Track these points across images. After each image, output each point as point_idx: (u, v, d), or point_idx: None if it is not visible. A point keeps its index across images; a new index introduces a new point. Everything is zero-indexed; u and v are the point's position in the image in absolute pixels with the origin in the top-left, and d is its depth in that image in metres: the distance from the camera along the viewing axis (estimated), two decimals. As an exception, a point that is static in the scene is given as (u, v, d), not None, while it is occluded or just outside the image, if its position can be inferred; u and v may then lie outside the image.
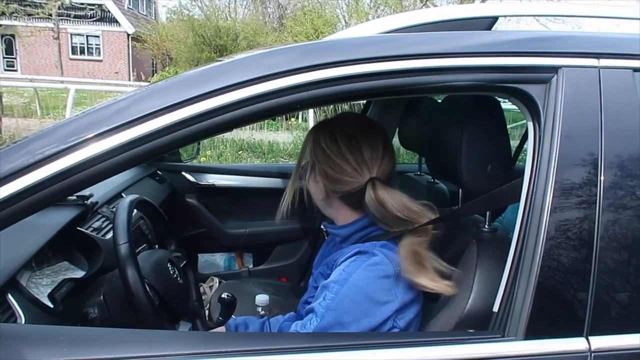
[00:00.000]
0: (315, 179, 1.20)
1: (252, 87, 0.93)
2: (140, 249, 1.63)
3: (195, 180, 2.64)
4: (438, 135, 1.35)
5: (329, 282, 1.09)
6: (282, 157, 8.23)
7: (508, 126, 1.27)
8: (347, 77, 0.96)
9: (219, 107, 0.92)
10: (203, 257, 2.75)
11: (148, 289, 1.22)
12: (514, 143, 2.58)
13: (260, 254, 2.79)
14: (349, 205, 1.20)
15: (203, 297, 2.41)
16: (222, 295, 1.61)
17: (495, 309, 0.99)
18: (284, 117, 10.13)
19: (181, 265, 1.51)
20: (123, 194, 1.95)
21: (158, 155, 0.97)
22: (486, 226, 1.26)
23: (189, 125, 0.92)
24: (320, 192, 1.20)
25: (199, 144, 2.92)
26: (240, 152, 8.06)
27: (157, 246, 1.77)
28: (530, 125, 1.02)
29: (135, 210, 1.70)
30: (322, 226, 1.33)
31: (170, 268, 1.37)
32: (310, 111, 9.45)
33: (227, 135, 8.65)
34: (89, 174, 0.89)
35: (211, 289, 2.47)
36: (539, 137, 0.99)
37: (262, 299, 1.76)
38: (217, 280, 2.52)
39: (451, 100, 1.37)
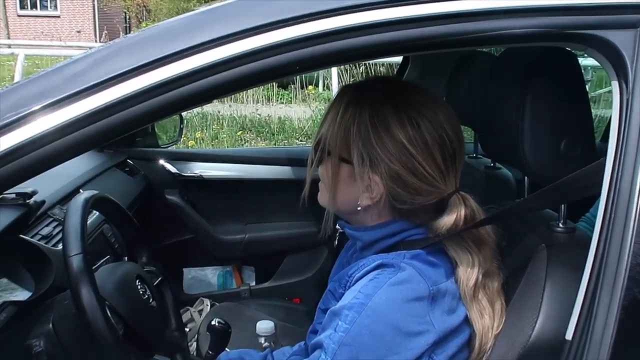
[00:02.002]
0: (363, 178, 1.13)
1: (246, 40, 0.94)
2: (102, 262, 1.65)
3: (177, 171, 2.68)
4: (493, 104, 1.34)
5: (340, 307, 1.08)
6: (298, 139, 8.27)
7: (599, 91, 1.26)
8: (368, 26, 0.95)
9: (202, 68, 0.93)
10: (189, 273, 2.79)
11: (109, 315, 1.23)
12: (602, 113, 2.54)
13: (265, 267, 2.82)
14: (384, 209, 1.18)
15: (190, 325, 2.46)
16: (213, 322, 1.63)
17: (569, 336, 0.98)
18: (298, 85, 10.16)
19: (155, 283, 1.53)
20: (81, 190, 1.99)
21: (126, 134, 0.98)
22: (560, 225, 1.25)
23: (165, 90, 0.93)
24: (367, 198, 1.14)
25: (182, 122, 2.94)
26: (241, 132, 8.12)
27: (125, 258, 1.80)
28: (614, 85, 1.01)
29: (94, 212, 1.73)
30: (337, 226, 1.33)
31: (139, 286, 1.38)
32: (334, 75, 9.47)
33: (224, 110, 8.72)
34: (32, 158, 0.91)
35: (200, 314, 2.51)
36: (626, 102, 0.97)
37: (265, 326, 1.78)
38: (209, 303, 2.56)
39: (509, 55, 1.36)
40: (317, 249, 2.75)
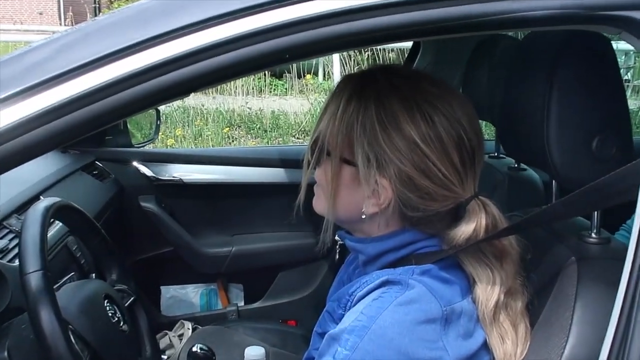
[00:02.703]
0: (369, 182, 1.12)
1: (232, 23, 0.94)
2: (65, 279, 1.66)
3: (153, 174, 2.68)
4: (514, 96, 1.34)
5: (339, 331, 1.08)
6: (294, 136, 8.27)
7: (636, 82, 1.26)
8: (377, 6, 0.96)
9: (181, 55, 0.94)
10: (168, 291, 2.79)
11: (73, 340, 1.24)
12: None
13: (256, 285, 2.82)
14: (393, 216, 1.17)
15: (168, 352, 2.46)
16: (194, 349, 1.64)
17: (602, 362, 0.98)
18: (295, 73, 10.16)
19: (127, 303, 1.53)
20: (41, 197, 1.99)
21: (94, 132, 0.98)
22: (593, 235, 1.25)
23: (139, 81, 0.93)
24: (373, 205, 1.14)
25: (158, 117, 2.95)
26: (228, 129, 8.12)
27: (93, 275, 1.80)
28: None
29: (56, 222, 1.74)
30: (336, 237, 1.32)
31: (108, 308, 1.39)
32: (336, 62, 9.48)
33: (209, 104, 8.72)
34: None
35: (181, 339, 2.51)
36: None
37: (254, 353, 1.77)
38: (190, 326, 2.56)
39: (533, 40, 1.36)
40: (314, 264, 2.75)
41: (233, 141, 8.02)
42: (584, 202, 1.10)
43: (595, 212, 1.25)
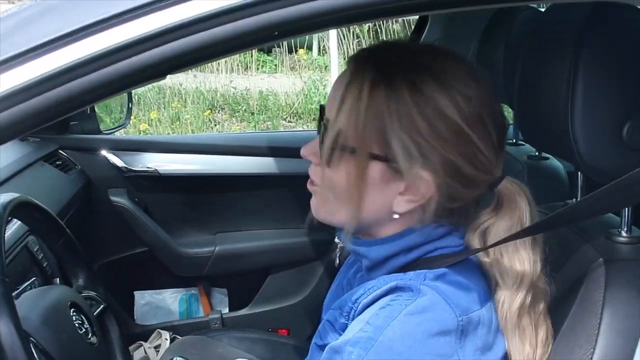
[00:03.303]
0: (406, 176, 1.11)
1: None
2: (25, 285, 1.65)
3: (125, 165, 2.67)
4: (534, 76, 1.34)
5: (342, 342, 1.08)
6: (285, 119, 8.25)
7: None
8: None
9: (158, 32, 0.93)
10: (143, 297, 2.80)
11: (35, 354, 1.23)
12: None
13: (242, 290, 2.83)
14: (428, 211, 1.16)
15: (143, 366, 2.46)
16: (172, 362, 1.64)
17: (631, 378, 0.99)
18: (285, 48, 10.14)
19: (96, 312, 1.53)
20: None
21: (57, 119, 0.98)
22: (624, 233, 1.25)
23: (109, 62, 0.93)
24: (407, 202, 1.13)
25: (130, 100, 2.94)
26: (209, 112, 8.10)
27: (58, 280, 1.80)
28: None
29: (14, 220, 1.73)
30: (336, 239, 1.31)
31: (74, 317, 1.39)
32: (333, 35, 9.44)
33: (188, 83, 8.70)
34: None
35: (157, 351, 2.51)
36: None
37: (240, 366, 1.79)
38: (168, 336, 2.57)
39: (556, 12, 1.36)
40: (308, 266, 2.76)
41: (215, 125, 8.00)
42: (617, 197, 1.08)
43: (627, 209, 1.25)
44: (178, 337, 2.53)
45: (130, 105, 2.95)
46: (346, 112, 1.10)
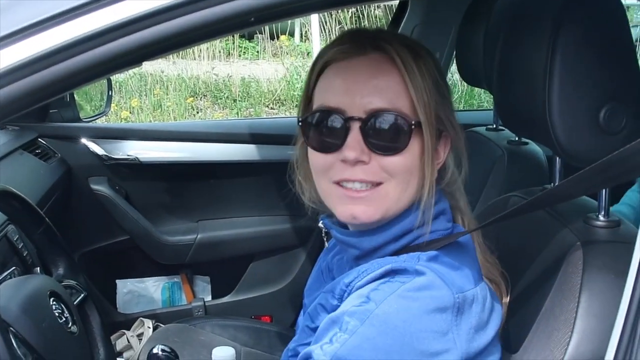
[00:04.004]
0: (428, 148, 1.18)
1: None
2: (5, 275, 1.64)
3: (105, 153, 2.67)
4: (512, 60, 1.34)
5: (340, 313, 1.10)
6: (267, 106, 8.23)
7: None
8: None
9: (137, 17, 0.93)
10: (125, 286, 2.79)
11: (14, 344, 1.23)
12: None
13: (224, 277, 2.83)
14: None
15: (126, 355, 2.47)
16: (155, 350, 1.64)
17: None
18: (267, 35, 10.10)
19: (76, 301, 1.53)
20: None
21: (33, 106, 0.98)
22: (601, 217, 1.26)
23: (86, 48, 0.93)
24: (438, 165, 1.22)
25: (110, 88, 2.92)
26: (192, 99, 8.07)
27: (38, 269, 1.79)
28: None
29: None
30: (319, 223, 1.32)
31: (54, 306, 1.38)
32: (315, 21, 9.42)
33: (170, 70, 8.66)
34: None
35: (140, 340, 2.51)
36: None
37: (223, 354, 1.78)
38: (151, 324, 2.58)
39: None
40: (290, 253, 2.77)
41: (198, 113, 7.98)
42: (593, 180, 1.11)
43: (603, 192, 1.26)
44: (161, 325, 2.54)
45: (110, 93, 2.94)
46: (405, 92, 1.16)
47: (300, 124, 1.22)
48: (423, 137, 1.16)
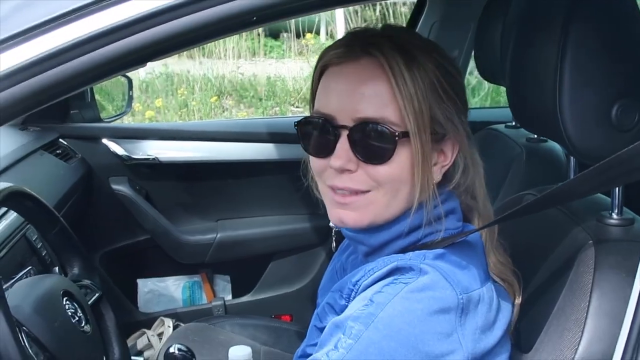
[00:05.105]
0: (438, 150, 1.20)
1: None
2: (21, 274, 1.66)
3: (126, 153, 2.69)
4: (524, 57, 1.34)
5: (344, 318, 1.10)
6: (293, 104, 8.23)
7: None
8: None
9: (152, 13, 0.94)
10: (146, 285, 2.81)
11: (25, 343, 1.24)
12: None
13: (244, 276, 2.84)
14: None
15: (147, 354, 2.48)
16: (172, 350, 1.65)
17: (616, 361, 0.99)
18: (293, 33, 10.10)
19: (91, 300, 1.54)
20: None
21: (53, 101, 0.99)
22: (614, 215, 1.25)
23: (102, 44, 0.94)
24: (442, 167, 1.22)
25: (130, 87, 2.94)
26: (215, 99, 8.08)
27: (57, 269, 1.81)
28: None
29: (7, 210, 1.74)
30: (330, 223, 1.32)
31: (67, 306, 1.39)
32: (340, 18, 9.41)
33: (195, 69, 8.68)
34: None
35: (160, 339, 2.52)
36: None
37: (239, 353, 1.78)
38: (171, 324, 2.59)
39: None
40: (310, 252, 2.78)
41: (223, 112, 7.98)
42: (603, 178, 1.10)
43: (617, 190, 1.25)
44: (181, 324, 2.54)
45: (130, 93, 2.95)
46: (393, 100, 1.13)
47: (296, 126, 1.22)
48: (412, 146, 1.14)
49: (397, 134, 1.12)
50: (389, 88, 1.12)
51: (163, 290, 2.81)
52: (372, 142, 1.13)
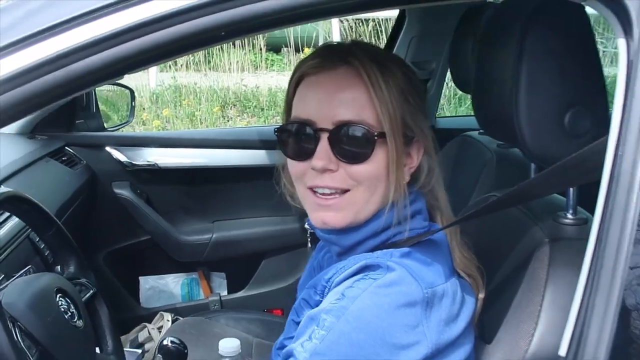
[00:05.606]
0: (412, 146, 1.21)
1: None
2: (21, 273, 1.65)
3: (127, 160, 2.69)
4: (486, 66, 1.34)
5: (318, 311, 1.10)
6: (292, 113, 8.22)
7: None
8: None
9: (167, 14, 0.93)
10: (147, 282, 2.81)
11: (19, 338, 1.23)
12: None
13: (239, 273, 2.84)
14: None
15: (148, 346, 2.47)
16: (165, 342, 1.64)
17: (562, 352, 0.97)
18: (292, 48, 10.12)
19: (85, 297, 1.53)
20: (2, 186, 1.98)
21: (56, 101, 0.98)
22: (569, 215, 1.24)
23: (113, 44, 0.93)
24: (409, 169, 1.22)
25: (133, 99, 2.94)
26: (218, 109, 8.09)
27: (59, 267, 1.80)
28: (620, 45, 0.99)
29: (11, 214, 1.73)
30: (305, 225, 1.33)
31: (60, 303, 1.38)
32: (336, 33, 9.43)
33: (202, 82, 8.70)
34: None
35: (160, 332, 2.51)
36: (629, 63, 0.95)
37: (228, 345, 1.77)
38: (170, 318, 2.58)
39: (506, 6, 1.36)
40: (300, 250, 2.77)
41: (228, 121, 8.00)
42: (557, 179, 1.10)
43: (571, 191, 1.24)
44: (180, 318, 2.53)
45: (133, 104, 2.97)
46: (370, 104, 1.15)
47: (276, 133, 1.23)
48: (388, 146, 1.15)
49: (375, 134, 1.13)
50: (366, 93, 1.14)
51: (163, 287, 2.81)
52: (352, 143, 1.14)
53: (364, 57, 1.16)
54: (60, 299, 1.40)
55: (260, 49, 9.92)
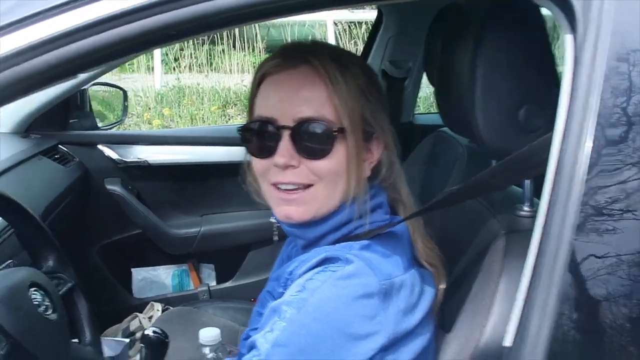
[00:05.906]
0: (371, 142, 1.20)
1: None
2: (2, 267, 1.63)
3: (118, 157, 2.69)
4: (447, 63, 1.32)
5: (279, 303, 1.09)
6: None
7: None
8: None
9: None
10: (139, 274, 2.80)
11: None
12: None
13: (227, 264, 2.82)
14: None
15: (138, 334, 2.44)
16: (147, 332, 1.61)
17: (508, 342, 0.95)
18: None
19: (62, 291, 1.51)
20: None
21: (56, 81, 0.97)
22: (525, 208, 1.23)
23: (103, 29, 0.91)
24: (369, 164, 1.21)
25: (125, 99, 2.94)
26: (215, 108, 8.10)
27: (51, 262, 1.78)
28: (567, 40, 0.97)
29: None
30: (271, 219, 1.33)
31: (33, 296, 1.35)
32: (331, 36, 9.43)
33: (204, 82, 8.71)
34: None
35: (150, 321, 2.49)
36: (575, 59, 0.94)
37: (208, 334, 1.75)
38: (160, 308, 2.56)
39: (466, 5, 1.35)
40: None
41: (229, 120, 8.02)
42: (510, 172, 1.10)
43: (527, 184, 1.23)
44: (171, 307, 2.52)
45: (125, 104, 2.98)
46: (329, 101, 1.14)
47: (239, 132, 1.22)
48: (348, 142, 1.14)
49: (334, 129, 1.13)
50: (325, 91, 1.13)
51: (155, 278, 2.81)
52: (312, 139, 1.13)
53: (323, 56, 1.15)
54: (34, 292, 1.37)
55: (260, 51, 9.93)
